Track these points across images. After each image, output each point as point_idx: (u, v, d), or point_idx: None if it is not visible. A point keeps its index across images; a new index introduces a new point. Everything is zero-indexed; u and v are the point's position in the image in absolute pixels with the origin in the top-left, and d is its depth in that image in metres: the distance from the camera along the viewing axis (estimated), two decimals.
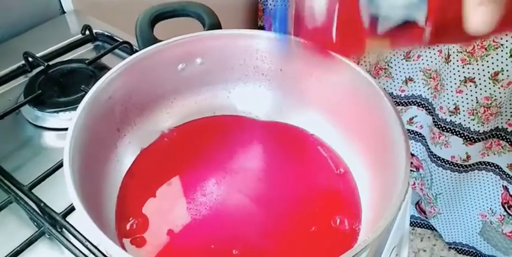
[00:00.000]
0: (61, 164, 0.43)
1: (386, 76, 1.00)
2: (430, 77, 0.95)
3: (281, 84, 0.47)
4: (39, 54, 0.60)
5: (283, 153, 0.45)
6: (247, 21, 1.15)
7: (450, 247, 1.21)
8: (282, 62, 0.47)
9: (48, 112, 0.52)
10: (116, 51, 0.62)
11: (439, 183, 1.06)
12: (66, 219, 0.40)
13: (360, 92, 0.41)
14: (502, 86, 0.83)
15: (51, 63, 0.58)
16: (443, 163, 1.00)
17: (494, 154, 0.96)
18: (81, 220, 0.30)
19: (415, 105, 1.02)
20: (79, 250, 0.38)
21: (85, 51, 0.64)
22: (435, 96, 0.95)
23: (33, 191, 0.42)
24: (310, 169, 0.44)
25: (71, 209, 0.40)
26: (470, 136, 0.92)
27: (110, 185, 0.40)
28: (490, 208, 1.04)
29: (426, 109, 1.00)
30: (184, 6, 0.50)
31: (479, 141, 0.93)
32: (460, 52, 0.81)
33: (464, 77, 0.84)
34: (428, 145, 1.02)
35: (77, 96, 0.54)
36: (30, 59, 0.59)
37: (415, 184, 1.15)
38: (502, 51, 0.78)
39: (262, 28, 1.11)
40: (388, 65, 0.98)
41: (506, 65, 0.80)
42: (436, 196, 1.09)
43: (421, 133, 1.05)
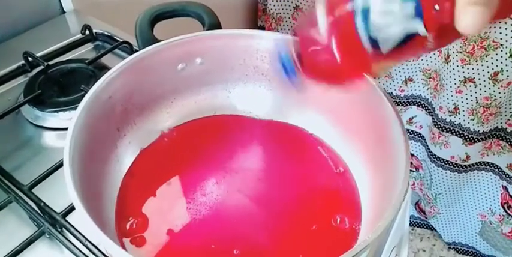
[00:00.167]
0: (61, 164, 0.43)
1: (386, 76, 1.00)
2: (430, 77, 0.95)
3: (281, 84, 0.47)
4: (39, 54, 0.60)
5: (282, 152, 0.45)
6: (247, 21, 1.15)
7: (450, 247, 1.21)
8: None
9: (48, 112, 0.52)
10: (116, 51, 0.62)
11: (438, 183, 1.06)
12: (66, 219, 0.40)
13: (360, 92, 0.41)
14: (501, 86, 0.83)
15: (51, 63, 0.58)
16: (443, 163, 1.00)
17: (493, 154, 0.96)
18: (81, 220, 0.30)
19: (414, 105, 1.02)
20: (79, 250, 0.38)
21: (85, 51, 0.64)
22: (435, 96, 0.95)
23: (33, 190, 0.42)
24: (310, 168, 0.45)
25: (71, 208, 0.40)
26: (469, 136, 0.92)
27: (110, 185, 0.41)
28: (490, 208, 1.04)
29: (426, 109, 1.00)
30: (184, 6, 0.50)
31: (479, 141, 0.93)
32: (460, 52, 0.81)
33: (464, 77, 0.84)
34: (428, 145, 1.02)
35: (77, 96, 0.54)
36: (30, 58, 0.59)
37: (414, 184, 1.15)
38: (501, 51, 0.78)
39: (262, 28, 1.11)
40: None
41: (506, 65, 0.80)
42: (436, 196, 1.09)
43: (420, 133, 1.05)
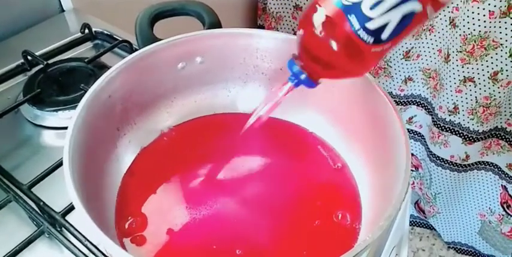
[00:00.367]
0: (60, 163, 0.43)
1: (385, 75, 1.00)
2: (430, 77, 0.95)
3: (281, 83, 0.47)
4: (38, 53, 0.59)
5: (282, 151, 0.45)
6: (247, 20, 1.15)
7: (449, 247, 1.21)
8: (282, 61, 0.47)
9: (48, 111, 0.52)
10: (116, 50, 0.62)
11: (438, 182, 1.06)
12: (66, 218, 0.40)
13: (360, 91, 0.41)
14: (501, 85, 0.83)
15: (50, 61, 0.58)
16: (443, 163, 1.00)
17: (493, 154, 0.96)
18: (80, 219, 0.30)
19: (414, 104, 1.02)
20: (78, 249, 0.38)
21: (84, 50, 0.64)
22: (434, 95, 0.95)
23: (33, 190, 0.42)
24: (310, 166, 0.45)
25: (71, 208, 0.40)
26: (469, 135, 0.92)
27: (110, 184, 0.40)
28: (489, 208, 1.05)
29: (425, 109, 1.00)
30: (184, 5, 0.50)
31: (479, 141, 0.93)
32: (460, 52, 0.81)
33: (464, 76, 0.84)
34: (427, 145, 1.02)
35: (76, 95, 0.53)
36: (29, 57, 0.59)
37: (414, 183, 1.15)
38: (501, 51, 0.78)
39: (261, 27, 1.11)
40: (387, 65, 0.98)
41: (506, 65, 0.80)
42: (435, 196, 1.10)
43: (420, 133, 1.06)
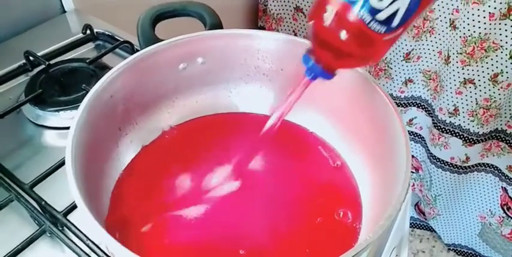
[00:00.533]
0: (62, 163, 0.43)
1: (386, 77, 1.00)
2: (430, 79, 0.95)
3: (282, 84, 0.48)
4: (40, 53, 0.60)
5: (283, 150, 0.45)
6: (248, 21, 1.15)
7: (449, 249, 1.21)
8: (282, 62, 0.47)
9: (49, 111, 0.53)
10: (117, 51, 0.62)
11: (438, 184, 1.06)
12: (67, 217, 0.40)
13: (361, 92, 0.41)
14: (501, 87, 0.83)
15: (52, 62, 0.58)
16: (443, 164, 1.00)
17: (493, 156, 0.96)
18: (82, 218, 0.30)
19: (414, 106, 1.02)
20: (80, 249, 0.38)
21: (86, 51, 0.64)
22: (435, 97, 0.95)
23: (34, 189, 0.42)
24: (311, 166, 0.45)
25: (72, 207, 0.40)
26: (469, 137, 0.92)
27: (111, 184, 0.41)
28: (489, 210, 1.05)
29: (426, 110, 1.00)
30: (185, 6, 0.50)
31: (479, 142, 0.93)
32: (460, 53, 0.82)
33: (464, 78, 0.84)
34: (427, 146, 1.02)
35: (78, 96, 0.54)
36: (31, 58, 0.59)
37: (414, 185, 1.15)
38: (501, 53, 0.78)
39: (262, 28, 1.11)
40: (387, 66, 0.98)
41: (506, 67, 0.80)
42: (436, 197, 1.10)
43: (420, 134, 1.06)
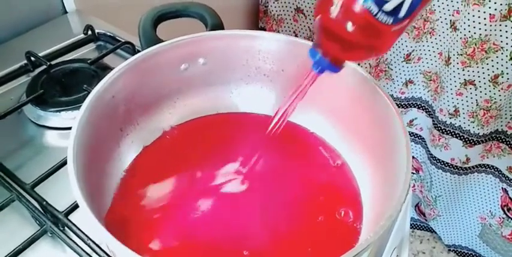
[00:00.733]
0: (63, 163, 0.44)
1: (386, 78, 1.00)
2: (430, 80, 0.95)
3: (283, 84, 0.48)
4: (41, 54, 0.60)
5: (284, 150, 0.45)
6: (248, 22, 1.16)
7: (449, 250, 1.21)
8: (283, 63, 0.47)
9: (50, 111, 0.53)
10: (118, 52, 0.62)
11: (438, 185, 1.06)
12: (69, 217, 0.40)
13: (361, 92, 0.41)
14: (502, 88, 0.83)
15: (53, 62, 0.58)
16: (443, 165, 1.00)
17: (493, 157, 0.96)
18: (84, 218, 0.30)
19: (415, 107, 1.02)
20: (81, 249, 0.38)
21: (87, 51, 0.64)
22: (435, 98, 0.95)
23: (36, 189, 0.42)
24: (312, 166, 0.45)
25: (73, 207, 0.40)
26: (470, 138, 0.92)
27: (112, 184, 0.41)
28: (490, 211, 1.05)
29: (426, 111, 1.01)
30: (186, 7, 0.50)
31: (479, 143, 0.93)
32: (460, 55, 0.82)
33: (464, 79, 0.84)
34: (428, 147, 1.02)
35: (79, 96, 0.54)
36: (32, 58, 0.59)
37: (414, 186, 1.15)
38: (502, 54, 0.79)
39: (263, 29, 1.11)
40: (388, 67, 0.98)
41: (506, 68, 0.80)
42: (436, 198, 1.10)
43: (421, 135, 1.06)
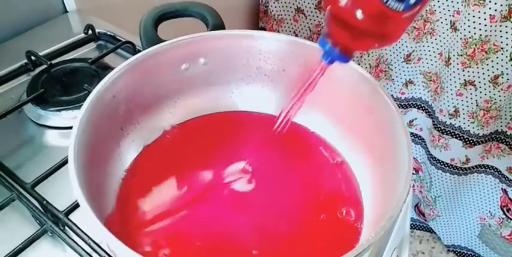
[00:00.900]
0: (63, 163, 0.44)
1: (386, 78, 1.00)
2: (430, 80, 0.95)
3: (284, 85, 0.48)
4: (41, 53, 0.60)
5: (284, 149, 0.46)
6: (248, 22, 1.16)
7: (449, 250, 1.21)
8: (284, 63, 0.47)
9: (51, 111, 0.53)
10: (119, 51, 0.62)
11: (438, 186, 1.06)
12: (69, 217, 0.40)
13: (362, 92, 0.41)
14: (501, 89, 0.83)
15: (53, 62, 0.58)
16: (443, 166, 1.00)
17: (493, 157, 0.97)
18: (84, 218, 0.30)
19: (415, 107, 1.02)
20: (81, 248, 0.38)
21: (87, 51, 0.64)
22: (435, 99, 0.95)
23: (36, 189, 0.42)
24: (312, 166, 0.45)
25: (74, 207, 0.40)
26: (469, 138, 0.93)
27: (113, 183, 0.41)
28: (489, 211, 1.05)
29: (426, 112, 1.01)
30: (187, 7, 0.50)
31: (479, 144, 0.93)
32: (461, 55, 0.82)
33: (464, 80, 0.85)
34: (427, 148, 1.02)
35: (80, 95, 0.54)
36: (33, 57, 0.59)
37: (414, 186, 1.15)
38: (502, 54, 0.79)
39: (263, 29, 1.11)
40: (388, 68, 0.98)
41: (506, 69, 0.80)
42: (435, 199, 1.10)
43: (420, 136, 1.06)
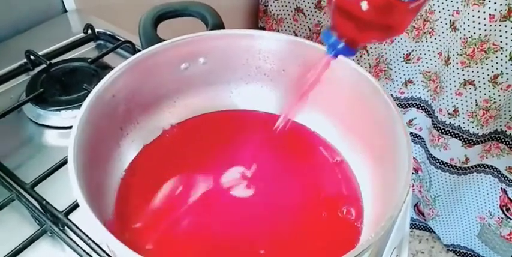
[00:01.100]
0: (63, 163, 0.43)
1: (386, 78, 1.00)
2: (430, 80, 0.95)
3: (283, 84, 0.48)
4: (41, 53, 0.59)
5: (284, 149, 0.45)
6: (248, 22, 1.16)
7: (448, 249, 1.21)
8: (284, 62, 0.47)
9: (50, 110, 0.52)
10: (118, 51, 0.62)
11: (437, 185, 1.06)
12: (68, 217, 0.40)
13: (362, 92, 0.41)
14: (501, 89, 0.83)
15: (53, 61, 0.58)
16: (442, 165, 1.00)
17: (493, 157, 0.97)
18: (84, 218, 0.30)
19: (414, 107, 1.02)
20: (81, 248, 0.38)
21: (87, 50, 0.64)
22: (435, 98, 0.95)
23: (35, 189, 0.42)
24: (312, 165, 0.45)
25: (73, 207, 0.40)
26: (469, 138, 0.93)
27: (112, 183, 0.41)
28: (489, 211, 1.05)
29: (426, 111, 1.01)
30: (187, 7, 0.50)
31: (478, 143, 0.93)
32: (460, 55, 0.82)
33: (464, 79, 0.85)
34: (427, 147, 1.02)
35: (79, 95, 0.54)
36: (32, 57, 0.59)
37: (413, 186, 1.15)
38: (501, 54, 0.79)
39: (262, 29, 1.11)
40: (388, 67, 0.98)
41: (506, 68, 0.80)
42: (435, 198, 1.10)
43: (420, 135, 1.06)
